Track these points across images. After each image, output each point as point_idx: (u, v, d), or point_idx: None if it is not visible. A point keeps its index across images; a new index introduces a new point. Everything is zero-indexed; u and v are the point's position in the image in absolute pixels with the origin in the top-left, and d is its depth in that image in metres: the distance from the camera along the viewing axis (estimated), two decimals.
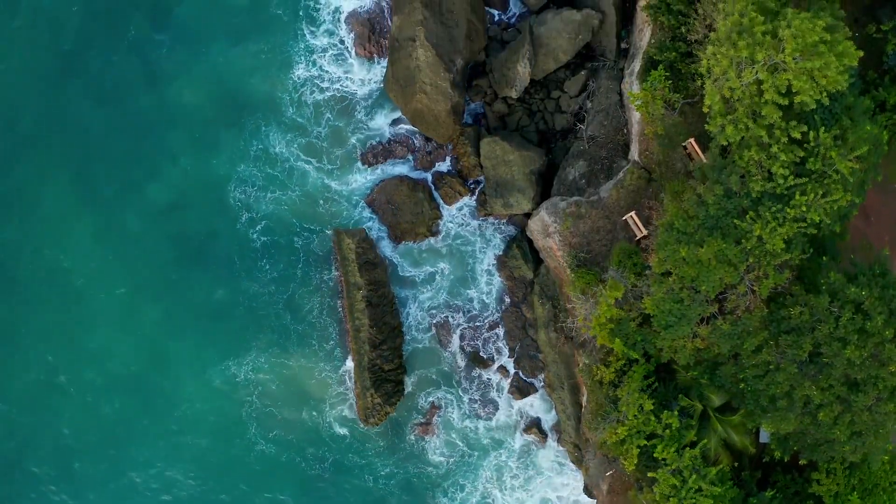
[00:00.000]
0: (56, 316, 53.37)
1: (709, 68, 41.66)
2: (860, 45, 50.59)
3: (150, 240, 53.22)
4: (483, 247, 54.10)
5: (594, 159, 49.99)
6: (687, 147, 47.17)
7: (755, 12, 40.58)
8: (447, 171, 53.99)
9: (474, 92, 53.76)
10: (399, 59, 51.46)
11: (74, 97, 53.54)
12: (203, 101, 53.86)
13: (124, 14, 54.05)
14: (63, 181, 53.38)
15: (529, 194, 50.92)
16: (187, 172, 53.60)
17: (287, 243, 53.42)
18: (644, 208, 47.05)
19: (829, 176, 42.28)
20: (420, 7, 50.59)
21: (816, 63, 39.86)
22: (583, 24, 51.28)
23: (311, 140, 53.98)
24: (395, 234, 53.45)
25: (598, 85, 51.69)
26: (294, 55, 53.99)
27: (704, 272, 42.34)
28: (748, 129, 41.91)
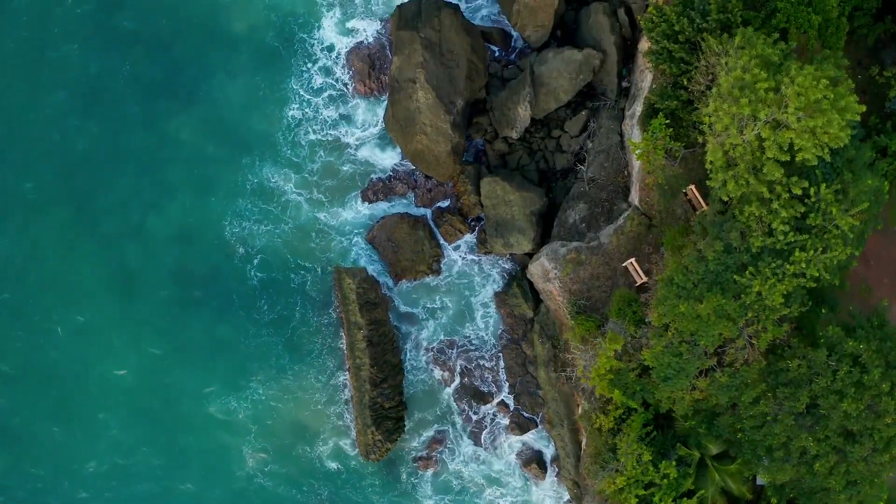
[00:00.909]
0: (56, 350, 53.57)
1: (710, 124, 41.68)
2: (863, 87, 50.94)
3: (150, 275, 53.51)
4: (483, 283, 54.27)
5: (594, 201, 50.02)
6: (687, 193, 47.27)
7: (758, 68, 40.44)
8: (448, 208, 54.09)
9: (475, 129, 53.75)
10: (399, 100, 51.34)
11: (73, 133, 53.64)
12: (203, 137, 53.92)
13: (125, 50, 54.05)
14: (64, 216, 53.52)
15: (530, 235, 51.00)
16: (186, 208, 53.69)
17: (288, 279, 53.77)
18: (644, 254, 47.20)
19: (829, 231, 42.43)
20: (420, 49, 50.40)
21: (819, 121, 39.75)
22: (584, 64, 51.09)
23: (309, 177, 54.10)
24: (395, 272, 53.62)
25: (599, 125, 51.62)
26: (294, 92, 54.07)
27: (703, 327, 42.55)
28: (749, 184, 41.91)
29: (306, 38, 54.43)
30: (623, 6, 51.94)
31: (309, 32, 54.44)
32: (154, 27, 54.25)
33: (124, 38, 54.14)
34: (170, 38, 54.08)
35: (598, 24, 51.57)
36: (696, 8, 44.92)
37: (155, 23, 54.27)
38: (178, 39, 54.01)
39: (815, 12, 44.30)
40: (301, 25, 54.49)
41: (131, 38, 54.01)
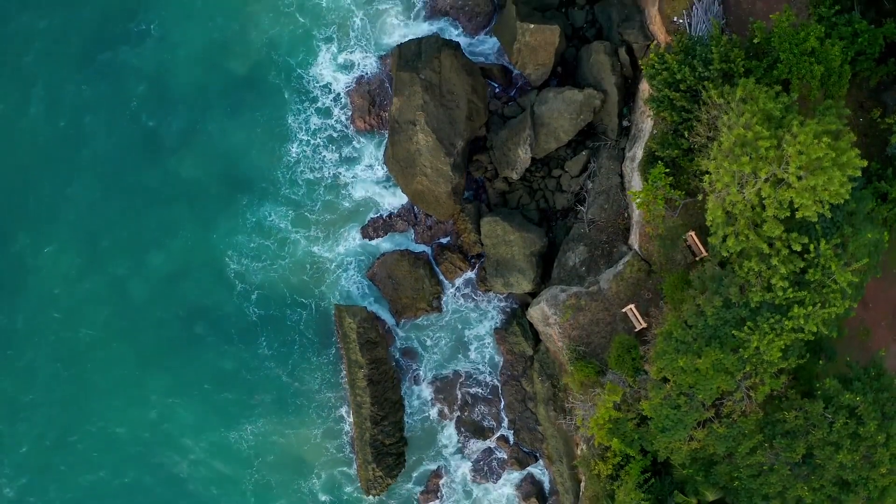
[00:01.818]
0: (59, 383, 53.92)
1: (711, 182, 41.67)
2: (864, 129, 50.78)
3: (152, 311, 53.74)
4: (484, 320, 54.49)
5: (594, 243, 50.09)
6: (687, 240, 47.37)
7: (759, 125, 40.33)
8: (448, 245, 54.16)
9: (475, 167, 53.64)
10: (399, 141, 51.23)
11: (76, 170, 53.68)
12: (203, 175, 54.05)
13: (126, 87, 53.94)
14: (67, 252, 53.64)
15: (530, 276, 51.15)
16: (187, 246, 53.87)
17: (288, 316, 54.11)
18: (644, 300, 47.41)
19: (828, 286, 42.60)
20: (420, 91, 50.19)
21: (820, 179, 39.76)
22: (584, 105, 50.86)
23: (309, 214, 54.25)
24: (395, 308, 53.81)
25: (600, 165, 51.50)
26: (293, 129, 54.30)
27: (702, 381, 42.91)
28: (749, 239, 42.06)
29: (305, 74, 54.32)
30: (624, 45, 51.62)
31: (307, 69, 54.35)
32: (155, 64, 54.14)
33: (126, 74, 53.98)
34: (171, 75, 53.93)
35: (599, 63, 51.30)
36: (697, 57, 44.74)
37: (156, 60, 54.13)
38: (179, 77, 53.97)
39: (817, 62, 44.13)
40: (300, 63, 54.40)
41: (133, 75, 53.88)
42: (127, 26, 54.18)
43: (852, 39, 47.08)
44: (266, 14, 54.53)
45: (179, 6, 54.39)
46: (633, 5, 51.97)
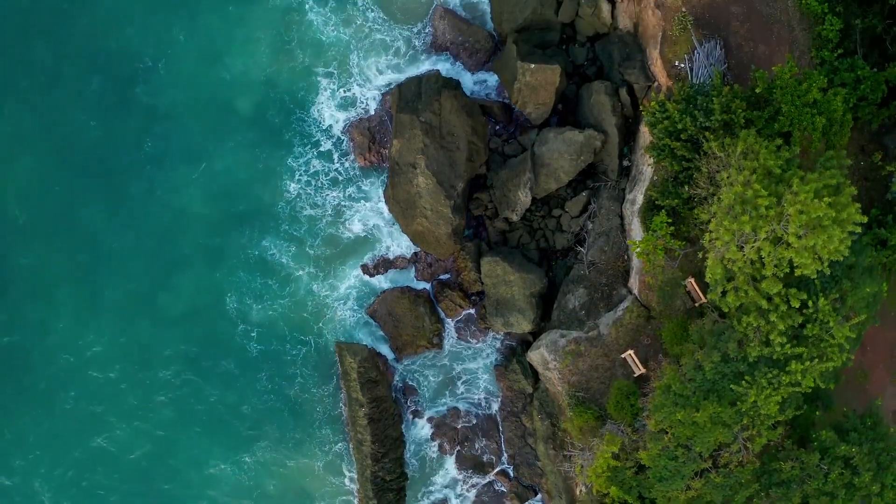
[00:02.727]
0: (66, 419, 54.29)
1: (711, 240, 41.73)
2: (864, 173, 50.69)
3: (157, 348, 53.91)
4: (484, 356, 54.74)
5: (594, 286, 50.23)
6: (687, 286, 47.52)
7: (759, 184, 40.32)
8: (448, 282, 54.29)
9: (475, 205, 53.61)
10: (399, 182, 51.21)
11: (77, 205, 53.62)
12: (205, 211, 54.18)
13: (130, 124, 53.91)
14: (72, 288, 53.85)
15: (530, 316, 51.31)
16: (189, 282, 54.02)
17: (289, 351, 54.17)
18: (643, 346, 47.69)
19: (825, 340, 42.83)
20: (420, 135, 50.08)
21: (820, 238, 39.85)
22: (585, 146, 50.73)
23: (310, 251, 54.30)
24: (396, 345, 54.04)
25: (600, 205, 51.49)
26: (294, 166, 54.09)
27: (700, 433, 43.31)
28: (748, 295, 42.24)
29: (306, 116, 54.35)
30: (625, 85, 51.38)
31: (308, 108, 54.38)
32: (160, 102, 54.08)
33: (131, 111, 53.96)
34: (176, 113, 53.99)
35: (600, 103, 51.08)
36: (699, 107, 44.60)
37: (161, 97, 54.06)
38: (184, 114, 54.04)
39: (819, 113, 44.00)
40: (300, 101, 54.39)
41: (138, 112, 53.83)
42: (133, 63, 54.07)
43: (855, 86, 46.94)
44: (268, 52, 54.62)
45: (185, 45, 54.30)
46: (633, 44, 51.69)
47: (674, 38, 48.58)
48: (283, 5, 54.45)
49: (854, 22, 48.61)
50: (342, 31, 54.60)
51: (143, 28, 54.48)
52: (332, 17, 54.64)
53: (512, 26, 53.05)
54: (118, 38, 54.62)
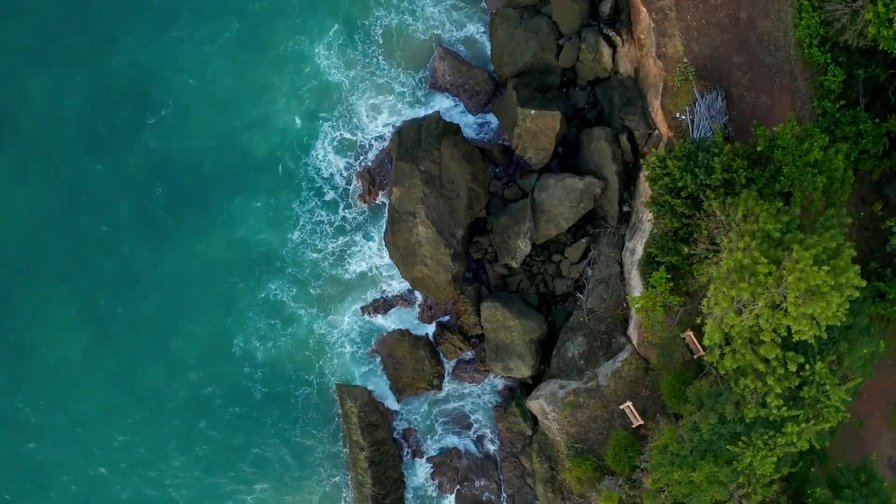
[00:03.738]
0: (75, 461, 54.55)
1: (709, 305, 41.82)
2: (864, 223, 50.65)
3: (166, 390, 54.23)
4: (483, 397, 54.97)
5: (593, 334, 50.39)
6: (686, 339, 47.71)
7: (758, 251, 40.31)
8: (448, 325, 54.41)
9: (475, 248, 53.52)
10: (399, 230, 51.17)
11: (93, 254, 53.93)
12: (210, 254, 54.21)
13: (138, 168, 53.95)
14: (79, 333, 54.01)
15: (529, 362, 51.52)
16: (196, 325, 54.20)
17: (291, 393, 54.42)
18: (641, 397, 47.98)
19: (822, 401, 43.08)
20: (420, 184, 49.97)
21: (818, 306, 39.92)
22: (585, 193, 50.62)
23: (312, 292, 54.36)
24: (396, 386, 54.28)
25: (599, 252, 51.48)
26: (297, 209, 54.31)
27: (696, 492, 43.71)
28: (745, 358, 42.44)
29: (310, 158, 54.35)
30: (626, 132, 51.17)
31: (312, 153, 54.45)
32: (168, 146, 54.06)
33: (138, 155, 53.97)
34: (183, 157, 54.01)
35: (600, 150, 50.90)
36: (699, 164, 44.43)
37: (169, 142, 54.04)
38: (191, 158, 53.95)
39: (820, 172, 43.86)
40: (304, 146, 54.46)
41: (146, 156, 53.85)
42: (140, 107, 53.95)
43: (856, 140, 46.81)
44: (275, 98, 54.63)
45: (194, 90, 54.17)
46: (634, 89, 51.42)
47: (675, 88, 48.34)
48: (290, 52, 54.44)
49: (857, 72, 48.36)
50: (346, 76, 54.51)
51: (150, 72, 54.30)
52: (337, 63, 54.50)
53: (512, 69, 52.76)
54: (126, 81, 54.36)
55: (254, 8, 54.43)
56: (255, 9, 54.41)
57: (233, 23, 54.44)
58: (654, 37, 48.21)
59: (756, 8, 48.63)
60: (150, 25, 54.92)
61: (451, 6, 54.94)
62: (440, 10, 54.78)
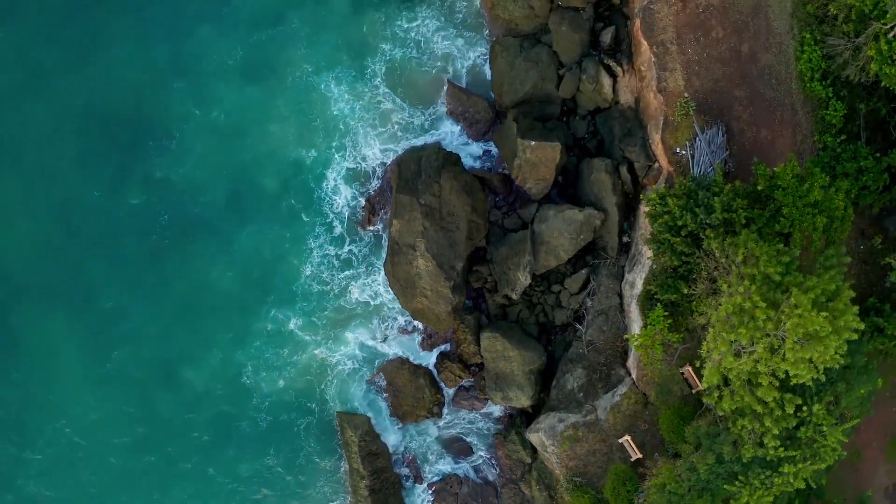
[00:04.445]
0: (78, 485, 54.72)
1: (708, 350, 41.93)
2: (864, 257, 50.63)
3: (174, 423, 54.25)
4: (483, 425, 55.16)
5: (592, 366, 50.50)
6: (684, 373, 47.89)
7: (758, 295, 40.35)
8: (448, 353, 54.52)
9: (475, 277, 53.49)
10: (399, 262, 51.22)
11: (96, 282, 53.77)
12: (217, 283, 54.19)
13: (145, 199, 53.81)
14: (82, 359, 53.90)
15: (528, 392, 51.67)
16: (203, 356, 54.18)
17: (295, 421, 54.54)
18: (640, 431, 48.23)
19: (818, 441, 43.32)
20: (420, 217, 49.91)
21: (816, 350, 40.05)
22: (584, 224, 50.56)
23: (318, 321, 54.34)
24: (396, 413, 54.50)
25: (599, 283, 51.50)
26: (308, 242, 54.04)
27: None
28: (743, 399, 42.63)
29: (317, 188, 54.23)
30: (626, 163, 51.06)
31: (320, 183, 54.21)
32: (176, 178, 53.91)
33: (148, 187, 53.79)
34: (191, 189, 53.87)
35: (600, 182, 50.81)
36: (700, 202, 44.35)
37: (176, 173, 53.90)
38: (199, 190, 53.84)
39: (820, 213, 43.79)
40: (313, 177, 54.24)
41: (155, 188, 53.70)
42: (143, 135, 53.68)
43: (857, 176, 46.72)
44: (282, 129, 54.26)
45: (198, 118, 53.93)
46: (634, 119, 51.24)
47: (675, 123, 48.20)
48: (297, 82, 54.20)
49: (859, 105, 48.18)
50: (353, 105, 54.31)
51: (153, 100, 54.02)
52: (344, 92, 54.27)
53: (512, 99, 52.58)
54: (129, 108, 54.04)
55: (259, 38, 54.24)
56: (260, 39, 54.25)
57: (237, 52, 54.21)
58: (654, 70, 48.02)
59: (758, 41, 48.47)
60: (154, 54, 54.53)
61: (455, 34, 54.68)
62: (444, 39, 54.50)
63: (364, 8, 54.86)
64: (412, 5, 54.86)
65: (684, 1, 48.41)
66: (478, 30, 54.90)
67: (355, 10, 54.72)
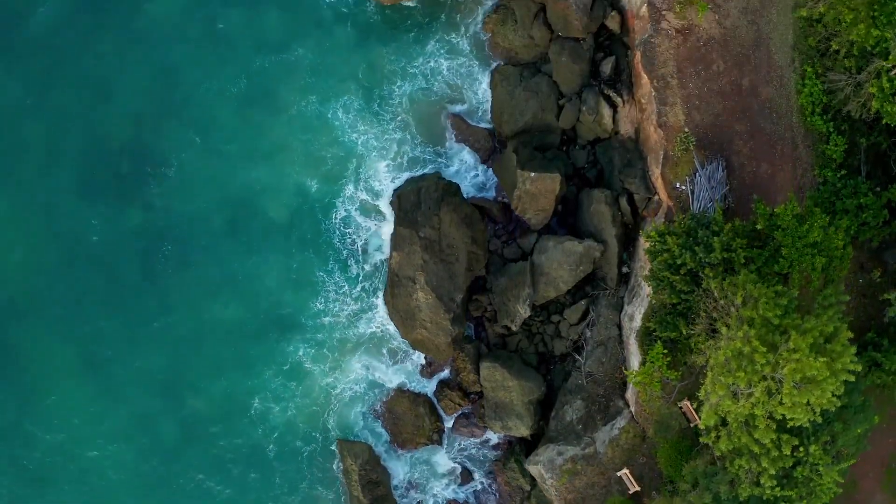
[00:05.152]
0: None
1: (706, 393, 42.09)
2: (862, 290, 50.63)
3: (184, 452, 54.39)
4: (482, 451, 55.33)
5: (591, 397, 50.67)
6: (682, 407, 48.10)
7: (757, 340, 40.45)
8: (448, 382, 54.69)
9: (474, 306, 53.57)
10: (399, 294, 51.33)
11: (98, 311, 53.79)
12: (227, 315, 54.12)
13: (146, 229, 53.75)
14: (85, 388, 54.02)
15: (528, 422, 51.85)
16: (215, 385, 54.22)
17: (302, 449, 54.61)
18: (639, 464, 48.52)
19: (814, 480, 43.59)
20: (420, 251, 49.93)
21: (814, 394, 40.23)
22: (584, 256, 50.55)
23: (329, 352, 54.38)
24: (396, 441, 54.71)
25: (598, 314, 51.56)
26: (315, 273, 53.96)
27: None
28: (741, 440, 42.87)
29: (325, 218, 54.09)
30: (626, 194, 51.01)
31: (328, 213, 54.08)
32: (178, 207, 53.89)
33: (148, 216, 53.72)
34: (194, 218, 53.81)
35: (600, 213, 50.76)
36: (699, 241, 44.34)
37: (178, 202, 53.89)
38: (198, 222, 53.78)
39: (819, 253, 43.74)
40: (320, 208, 54.05)
41: (156, 217, 53.62)
42: (143, 163, 53.60)
43: (857, 213, 46.64)
44: (287, 158, 54.14)
45: (199, 147, 53.80)
46: (634, 150, 51.10)
47: (675, 158, 48.10)
48: (302, 111, 54.06)
49: (859, 140, 48.05)
50: (361, 135, 54.18)
51: (153, 128, 53.92)
52: (350, 122, 54.19)
53: (512, 128, 52.48)
54: (128, 135, 53.94)
55: (261, 66, 54.04)
56: (262, 66, 54.02)
57: (241, 80, 54.03)
58: (655, 105, 47.85)
59: (758, 74, 48.27)
60: (152, 80, 54.29)
61: (463, 64, 54.55)
62: (450, 69, 54.43)
63: (369, 37, 54.68)
64: (419, 34, 54.59)
65: (685, 34, 48.26)
66: (483, 61, 54.61)
67: (361, 40, 54.57)
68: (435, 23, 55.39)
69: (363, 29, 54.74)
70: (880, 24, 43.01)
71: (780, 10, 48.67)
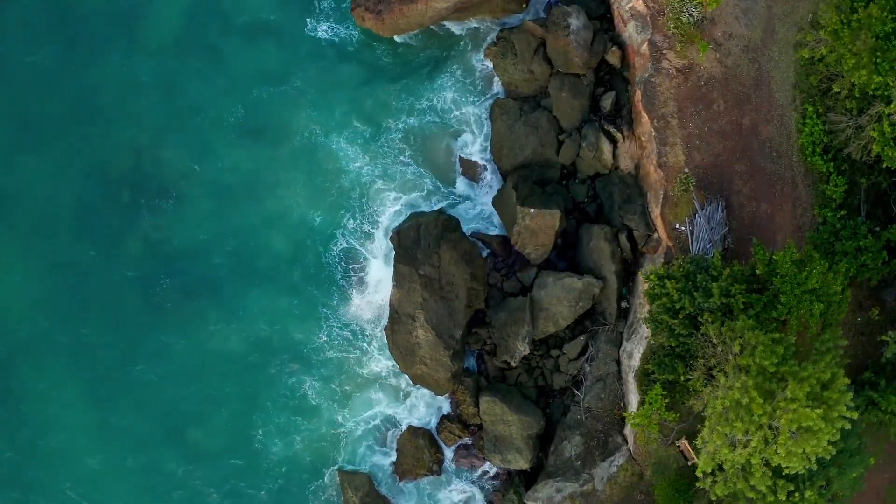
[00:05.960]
0: None
1: (703, 442, 42.40)
2: (861, 328, 50.74)
3: (186, 484, 54.57)
4: (482, 482, 55.53)
5: (590, 433, 50.97)
6: (680, 446, 48.43)
7: (755, 391, 40.66)
8: (447, 415, 54.93)
9: (474, 339, 53.70)
10: (399, 330, 51.50)
11: (98, 342, 53.93)
12: (227, 350, 54.19)
13: (143, 261, 53.83)
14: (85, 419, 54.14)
15: (527, 456, 52.13)
16: (215, 417, 54.33)
17: (308, 483, 54.76)
18: (636, 501, 48.94)
19: None
20: (419, 289, 50.01)
21: (809, 443, 40.53)
22: (583, 292, 50.64)
23: (336, 387, 54.56)
24: (397, 472, 54.99)
25: (598, 349, 51.73)
26: (320, 306, 54.00)
27: None
28: (737, 486, 43.24)
29: (328, 251, 54.03)
30: (625, 230, 50.99)
31: (330, 246, 54.06)
32: (174, 237, 53.98)
33: (147, 248, 53.80)
34: (190, 251, 53.87)
35: (599, 249, 50.79)
36: (698, 285, 44.41)
37: (176, 232, 53.96)
38: (198, 253, 53.84)
39: (817, 299, 43.80)
40: (323, 240, 54.04)
41: (154, 249, 53.70)
42: (141, 194, 53.60)
43: (855, 255, 46.64)
44: (286, 187, 54.10)
45: (198, 177, 53.80)
46: (634, 186, 51.01)
47: (675, 198, 48.06)
48: (305, 143, 53.98)
49: (860, 180, 47.97)
50: (365, 167, 54.18)
51: (151, 157, 53.92)
52: (354, 154, 54.11)
53: (512, 163, 52.44)
54: (126, 165, 53.93)
55: (259, 96, 53.93)
56: (261, 97, 53.94)
57: (238, 110, 53.94)
58: (655, 145, 47.74)
59: (759, 113, 48.09)
60: (149, 107, 54.28)
61: (462, 97, 54.48)
62: (453, 100, 54.41)
63: (372, 71, 54.63)
64: (422, 67, 54.59)
65: (686, 73, 48.03)
66: (487, 92, 54.60)
67: (363, 74, 54.58)
68: (438, 56, 55.26)
69: (365, 63, 54.61)
70: (882, 70, 42.79)
71: (781, 47, 48.47)
